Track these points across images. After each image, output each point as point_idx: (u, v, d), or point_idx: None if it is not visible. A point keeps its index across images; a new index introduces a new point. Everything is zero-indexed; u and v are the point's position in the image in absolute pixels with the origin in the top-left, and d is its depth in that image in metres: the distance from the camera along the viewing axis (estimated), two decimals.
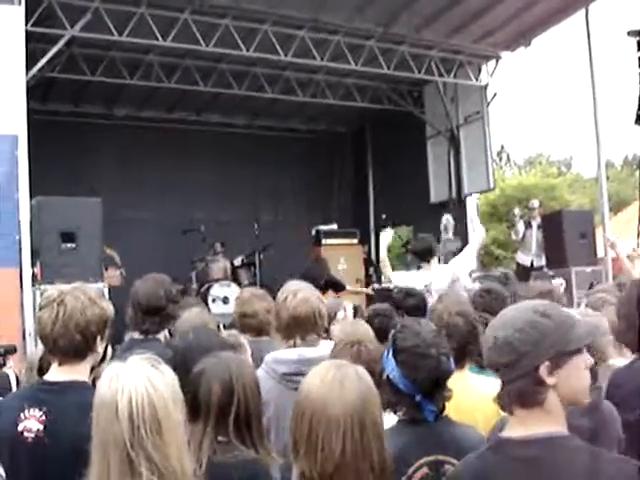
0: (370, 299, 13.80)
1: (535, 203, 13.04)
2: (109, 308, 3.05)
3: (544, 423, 2.01)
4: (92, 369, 3.08)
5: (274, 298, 4.05)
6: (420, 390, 2.67)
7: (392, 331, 2.89)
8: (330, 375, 2.12)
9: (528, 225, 12.61)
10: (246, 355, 4.05)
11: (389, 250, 7.61)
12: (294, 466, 2.13)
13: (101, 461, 2.00)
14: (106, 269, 11.61)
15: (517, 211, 13.11)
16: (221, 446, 2.66)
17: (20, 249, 7.44)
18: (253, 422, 2.75)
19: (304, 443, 2.07)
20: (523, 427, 2.02)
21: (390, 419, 2.68)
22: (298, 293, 3.68)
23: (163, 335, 4.29)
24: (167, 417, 2.03)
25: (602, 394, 3.20)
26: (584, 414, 2.61)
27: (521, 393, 2.02)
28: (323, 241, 14.62)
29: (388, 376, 2.75)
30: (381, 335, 4.23)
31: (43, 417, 2.81)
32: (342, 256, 14.41)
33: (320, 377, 2.14)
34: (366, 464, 2.03)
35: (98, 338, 2.97)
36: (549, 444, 1.99)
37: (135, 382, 2.02)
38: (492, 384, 3.56)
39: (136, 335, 4.26)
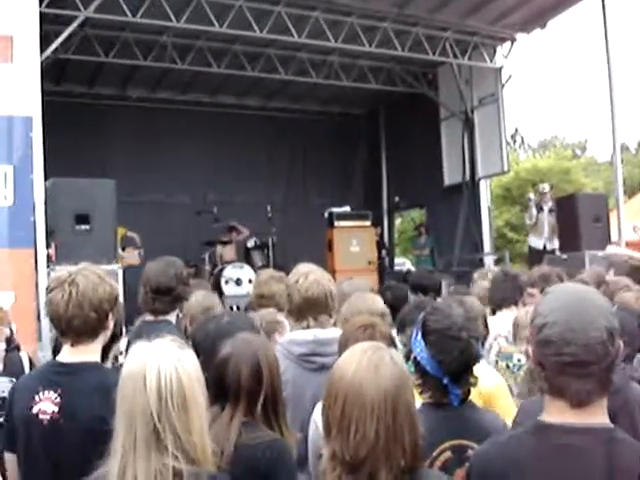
0: (382, 280, 13.82)
1: (546, 187, 13.01)
2: (116, 286, 3.11)
3: (597, 413, 1.96)
4: (104, 350, 3.11)
5: None
6: (447, 373, 2.68)
7: (422, 313, 2.90)
8: (366, 358, 2.12)
9: (540, 209, 12.57)
10: (284, 333, 4.08)
11: (402, 232, 7.49)
12: (325, 446, 2.15)
13: (127, 433, 2.04)
14: (123, 249, 11.72)
15: (532, 196, 13.08)
16: (246, 427, 2.69)
17: (35, 230, 7.46)
18: (279, 403, 2.81)
19: (337, 425, 2.08)
20: (572, 415, 1.95)
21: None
22: (309, 275, 3.70)
23: (174, 316, 4.31)
24: (192, 395, 2.08)
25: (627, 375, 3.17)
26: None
27: (607, 384, 1.95)
28: (336, 223, 14.58)
29: (416, 357, 2.75)
30: (392, 308, 4.29)
31: (58, 399, 2.83)
32: (354, 238, 14.38)
33: (356, 360, 2.13)
34: (398, 447, 2.04)
35: (110, 315, 3.01)
36: (600, 435, 1.93)
37: (164, 358, 2.08)
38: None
39: (147, 317, 4.29)
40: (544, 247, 12.28)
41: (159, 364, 2.05)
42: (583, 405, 1.93)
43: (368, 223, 15.10)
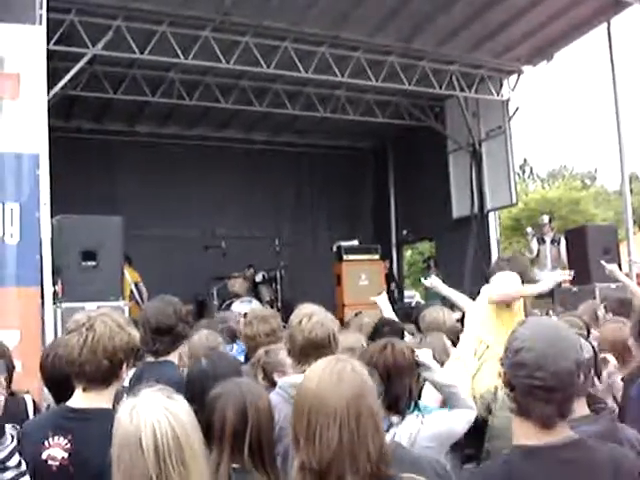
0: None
1: (545, 219, 12.93)
2: (136, 335, 3.04)
3: (562, 432, 2.20)
4: None
5: (288, 316, 3.98)
6: None
7: None
8: (328, 369, 2.18)
9: (541, 241, 12.47)
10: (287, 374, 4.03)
11: (412, 264, 7.41)
12: (295, 459, 2.19)
13: None
14: (131, 300, 11.64)
15: (530, 230, 12.99)
16: (236, 473, 2.64)
17: (41, 268, 7.43)
18: (265, 449, 2.74)
19: (303, 435, 2.12)
20: (541, 436, 2.17)
21: None
22: (313, 316, 3.63)
23: (176, 356, 4.23)
24: (189, 446, 2.05)
25: (616, 418, 3.13)
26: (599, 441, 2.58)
27: (567, 412, 2.19)
28: (344, 257, 14.56)
29: None
30: None
31: (68, 445, 2.78)
32: (363, 272, 14.34)
33: (318, 372, 2.20)
34: (362, 452, 2.07)
35: (124, 365, 2.96)
36: (582, 447, 2.19)
37: (156, 414, 2.03)
38: None
39: (148, 358, 4.22)
40: None
41: (153, 422, 2.01)
42: (547, 428, 2.16)
43: (377, 256, 15.07)
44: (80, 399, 2.92)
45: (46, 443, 2.79)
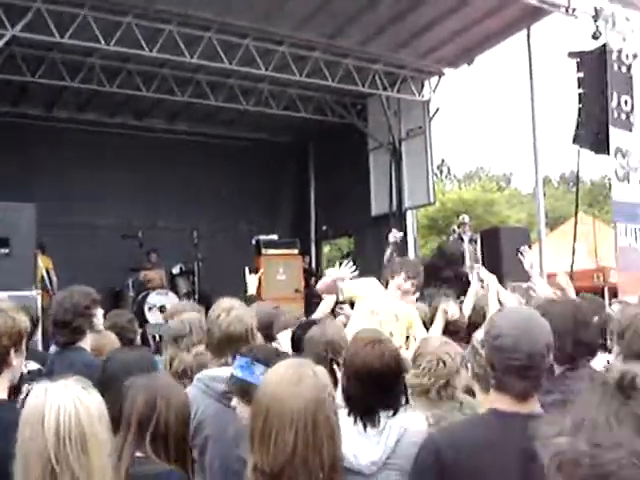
0: (308, 307, 13.76)
1: (465, 218, 13.20)
2: (23, 320, 2.92)
3: (534, 404, 2.55)
4: (16, 388, 2.97)
5: (208, 309, 3.98)
6: None
7: None
8: (289, 372, 2.19)
9: (460, 239, 12.74)
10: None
11: (330, 260, 7.46)
12: (249, 459, 2.19)
13: (24, 476, 1.97)
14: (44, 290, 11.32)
15: (456, 228, 13.26)
16: (140, 460, 2.62)
17: None
18: (171, 442, 2.70)
19: (258, 437, 2.13)
20: (515, 405, 2.48)
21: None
22: (232, 311, 3.65)
23: (87, 343, 4.27)
24: (93, 435, 2.02)
25: None
26: None
27: (539, 386, 2.55)
28: (263, 251, 14.53)
29: None
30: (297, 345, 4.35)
31: None
32: (281, 266, 14.35)
33: (278, 374, 2.22)
34: (317, 460, 2.09)
35: (12, 351, 2.82)
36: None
37: (64, 398, 2.00)
38: None
39: (57, 348, 4.29)
40: (466, 277, 12.38)
41: (59, 404, 1.99)
42: (523, 399, 2.50)
43: (296, 251, 15.09)
44: None
45: None
